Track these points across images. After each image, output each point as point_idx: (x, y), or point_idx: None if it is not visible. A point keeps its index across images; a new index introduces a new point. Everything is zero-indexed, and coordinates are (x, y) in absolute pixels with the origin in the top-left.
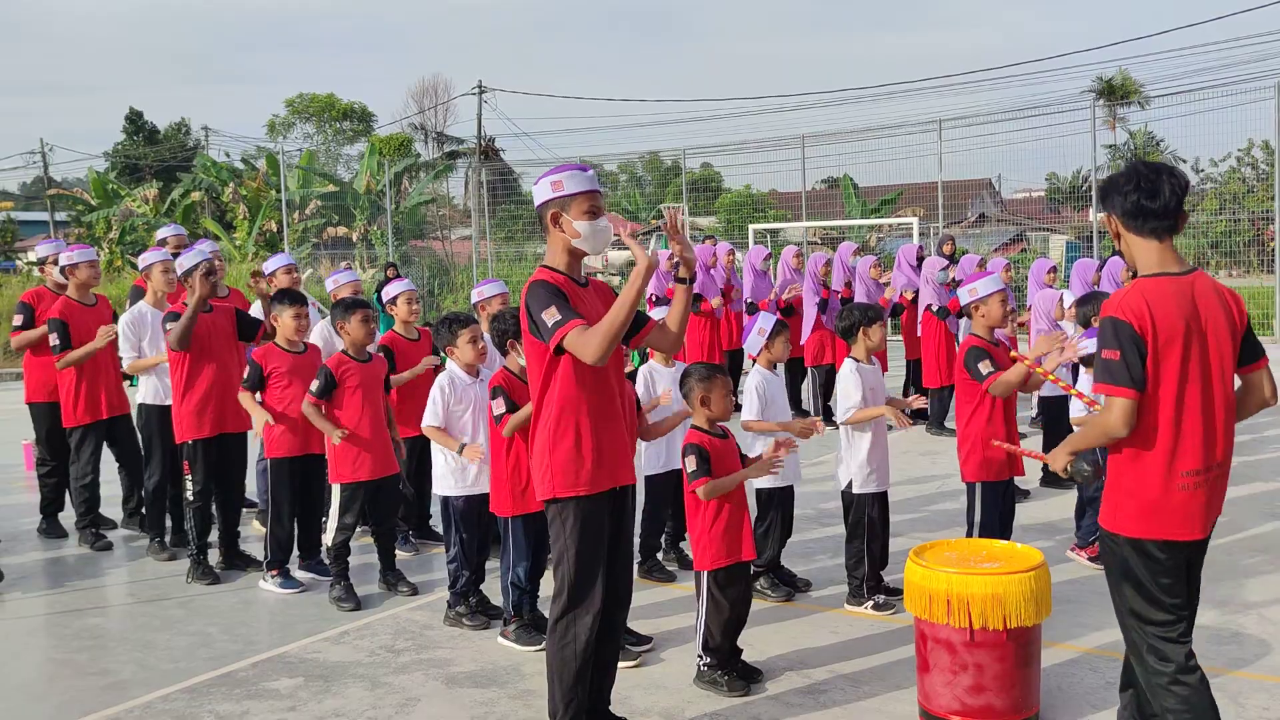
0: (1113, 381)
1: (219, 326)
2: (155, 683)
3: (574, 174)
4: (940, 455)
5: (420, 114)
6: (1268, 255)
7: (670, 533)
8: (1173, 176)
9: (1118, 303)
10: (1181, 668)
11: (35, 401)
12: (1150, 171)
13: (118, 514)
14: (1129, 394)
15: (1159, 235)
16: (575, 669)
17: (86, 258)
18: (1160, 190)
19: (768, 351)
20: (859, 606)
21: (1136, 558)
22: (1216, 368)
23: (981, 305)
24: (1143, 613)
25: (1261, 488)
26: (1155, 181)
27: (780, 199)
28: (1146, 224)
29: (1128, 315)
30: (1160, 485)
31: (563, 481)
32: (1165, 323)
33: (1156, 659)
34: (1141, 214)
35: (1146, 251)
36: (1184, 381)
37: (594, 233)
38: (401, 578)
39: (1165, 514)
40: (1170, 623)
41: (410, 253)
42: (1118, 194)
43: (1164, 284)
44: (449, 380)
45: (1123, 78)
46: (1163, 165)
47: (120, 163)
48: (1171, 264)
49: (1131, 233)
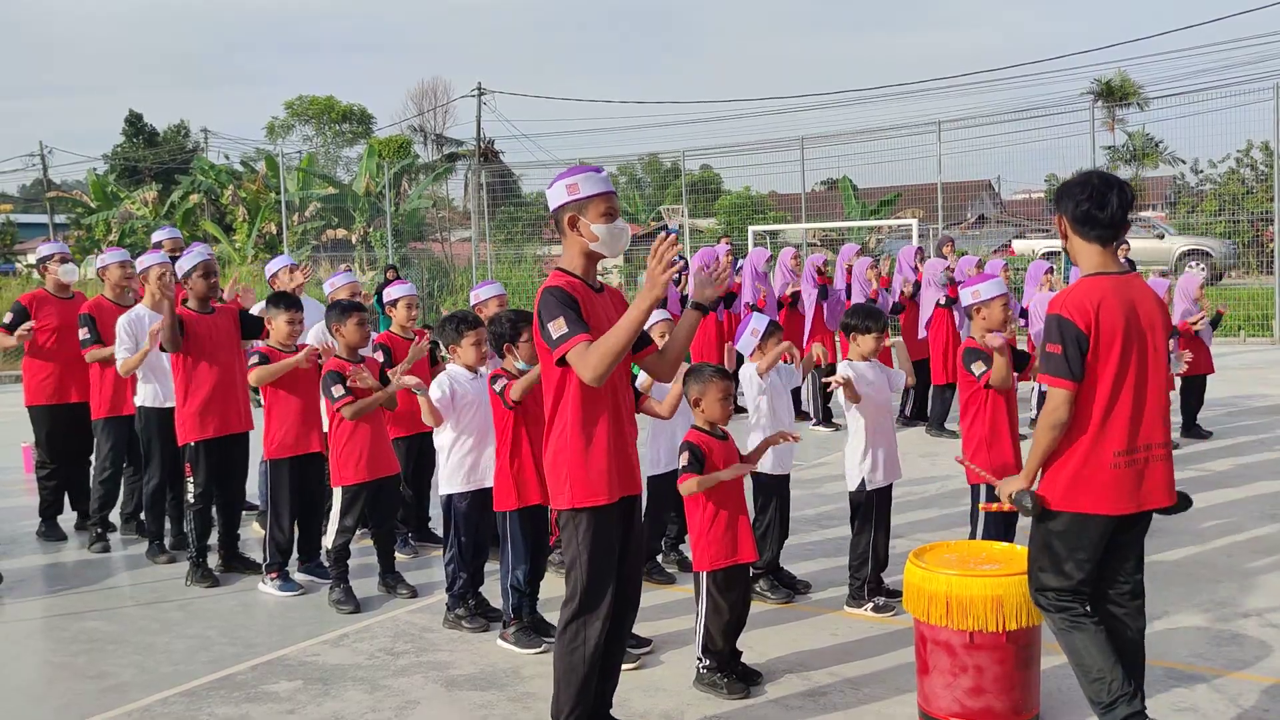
0: (1054, 374)
1: (221, 328)
2: (154, 686)
3: (589, 176)
4: (940, 457)
5: (420, 116)
6: (1267, 256)
7: (671, 535)
8: (1122, 191)
9: (1062, 301)
10: (1079, 614)
11: (35, 404)
12: (1102, 183)
13: (115, 518)
14: (1069, 385)
15: (1103, 241)
16: (583, 674)
17: (117, 259)
18: (1109, 202)
19: (760, 352)
20: (859, 608)
21: (1057, 528)
22: (1151, 358)
23: (983, 308)
24: (1047, 579)
25: (1261, 490)
26: (1106, 194)
27: (780, 200)
28: (1092, 230)
29: (1072, 313)
30: (1090, 463)
31: (582, 492)
32: (1108, 318)
33: (1054, 610)
34: (1089, 221)
35: (1089, 254)
36: (1122, 371)
37: (612, 235)
38: (401, 580)
39: (1094, 489)
40: (1070, 588)
41: (409, 255)
42: (1070, 200)
43: (1105, 282)
44: (450, 380)
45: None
46: (1115, 178)
47: (120, 165)
48: (1111, 265)
49: (1078, 236)
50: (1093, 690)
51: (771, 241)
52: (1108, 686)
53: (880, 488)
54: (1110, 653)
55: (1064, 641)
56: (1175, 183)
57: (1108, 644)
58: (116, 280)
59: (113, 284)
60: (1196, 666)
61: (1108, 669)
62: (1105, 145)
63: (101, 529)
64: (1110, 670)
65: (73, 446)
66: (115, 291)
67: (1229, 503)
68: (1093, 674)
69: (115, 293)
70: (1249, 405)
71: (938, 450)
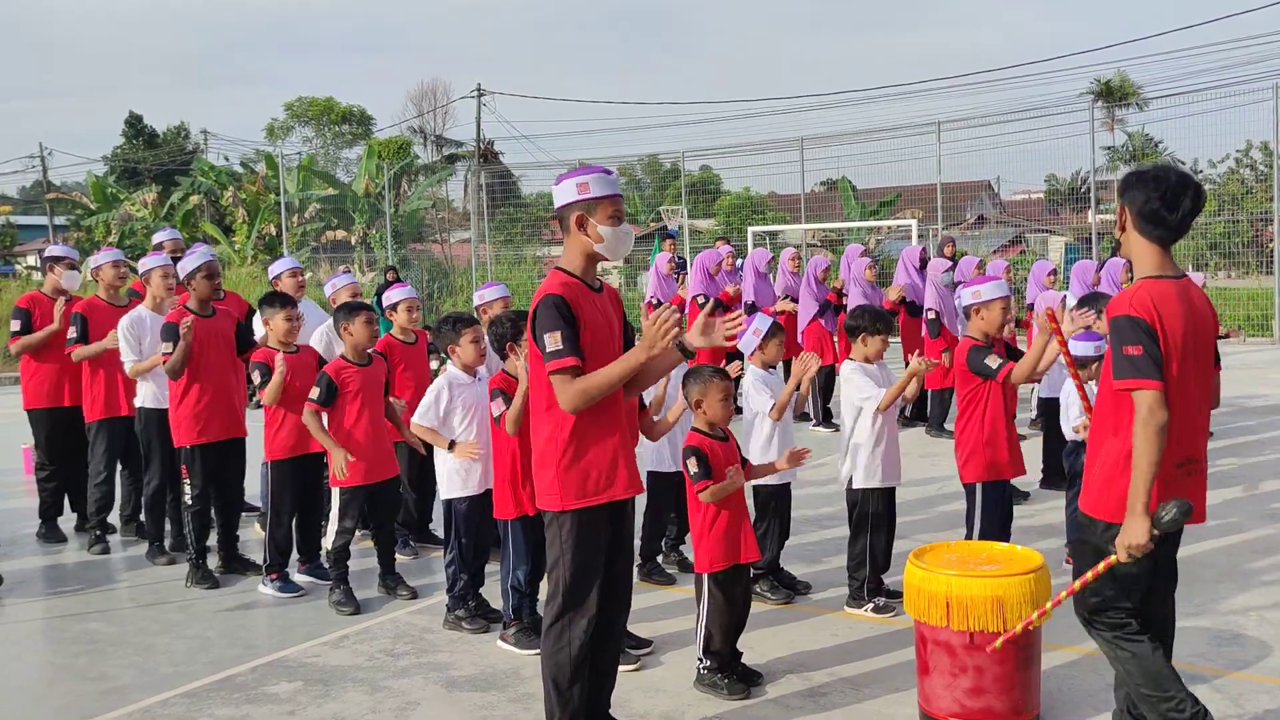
0: (1139, 375)
1: (219, 331)
2: (154, 687)
3: (600, 177)
4: (940, 457)
5: (419, 117)
6: (1266, 256)
7: (670, 536)
8: (1197, 194)
9: (1129, 301)
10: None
11: (34, 408)
12: (1179, 183)
13: (115, 520)
14: (1157, 385)
15: (1164, 243)
16: (570, 674)
17: (110, 258)
18: (1181, 204)
19: (761, 353)
20: (859, 609)
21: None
22: (1203, 368)
23: (983, 309)
24: (1110, 595)
25: (1262, 489)
26: (1180, 194)
27: (779, 201)
28: (1156, 230)
29: (1140, 312)
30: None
31: (565, 494)
32: (1171, 323)
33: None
34: (1156, 220)
35: (1148, 254)
36: (1182, 379)
37: (617, 238)
38: (401, 581)
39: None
40: (1129, 609)
41: (409, 256)
42: (1140, 193)
43: (1167, 286)
44: (448, 382)
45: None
46: (1190, 179)
47: (119, 166)
48: (1169, 269)
49: (1139, 233)
50: (1164, 711)
51: (771, 242)
52: (1183, 706)
53: (881, 489)
54: (1171, 668)
55: (1123, 660)
56: None
57: (1165, 657)
58: (110, 280)
59: (106, 284)
60: (1197, 666)
61: (1179, 687)
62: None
63: (101, 531)
64: (1181, 688)
65: (72, 448)
66: (109, 292)
67: (1229, 502)
68: (1166, 694)
69: (109, 293)
70: (1249, 405)
71: (937, 451)
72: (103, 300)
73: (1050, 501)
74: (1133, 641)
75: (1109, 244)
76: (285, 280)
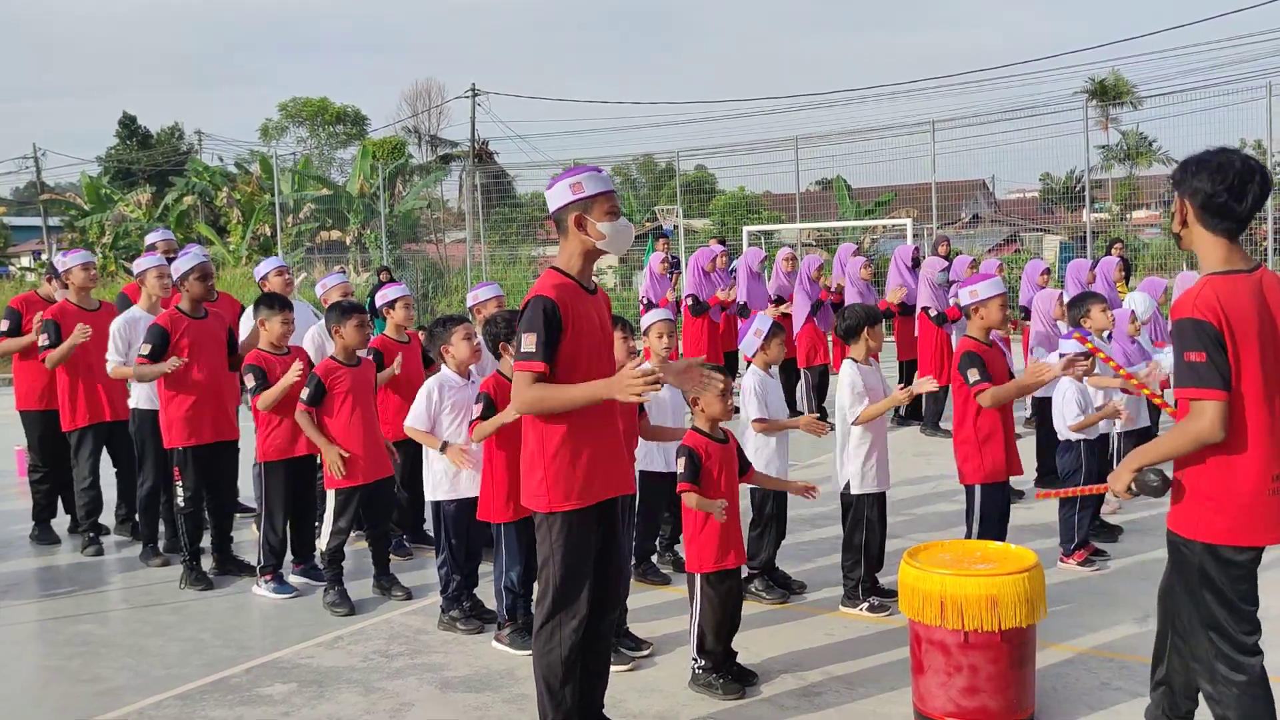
0: (1201, 384)
1: (211, 332)
2: (148, 689)
3: (592, 175)
4: (935, 456)
5: (414, 117)
6: (1260, 255)
7: (665, 536)
8: (1264, 181)
9: (1192, 302)
10: (1254, 681)
11: (25, 409)
12: (1244, 170)
13: (110, 520)
14: (1220, 395)
15: (1231, 235)
16: (561, 674)
17: (80, 260)
18: (1248, 193)
19: (764, 353)
20: (854, 608)
21: (1217, 565)
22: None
23: (981, 308)
24: (1223, 623)
25: None
26: (1247, 182)
27: (774, 200)
28: (1223, 223)
29: (1205, 314)
30: (1251, 489)
31: (554, 495)
32: (1240, 321)
33: (1228, 667)
34: (1222, 212)
35: (1215, 248)
36: (1268, 381)
37: (617, 232)
38: (395, 582)
39: (1254, 519)
40: (1249, 631)
41: (404, 256)
42: (1204, 185)
43: (1236, 281)
44: (439, 383)
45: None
46: (1254, 164)
47: (113, 167)
48: (1239, 261)
49: (1203, 227)
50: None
51: (766, 242)
52: None
53: (875, 494)
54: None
55: (1229, 710)
56: (1169, 181)
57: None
58: (80, 283)
59: (76, 287)
60: None
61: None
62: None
63: (94, 533)
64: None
65: (65, 450)
66: (79, 295)
67: None
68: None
69: (79, 296)
70: None
71: (932, 450)
72: (73, 304)
73: (1046, 501)
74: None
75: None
76: (273, 280)
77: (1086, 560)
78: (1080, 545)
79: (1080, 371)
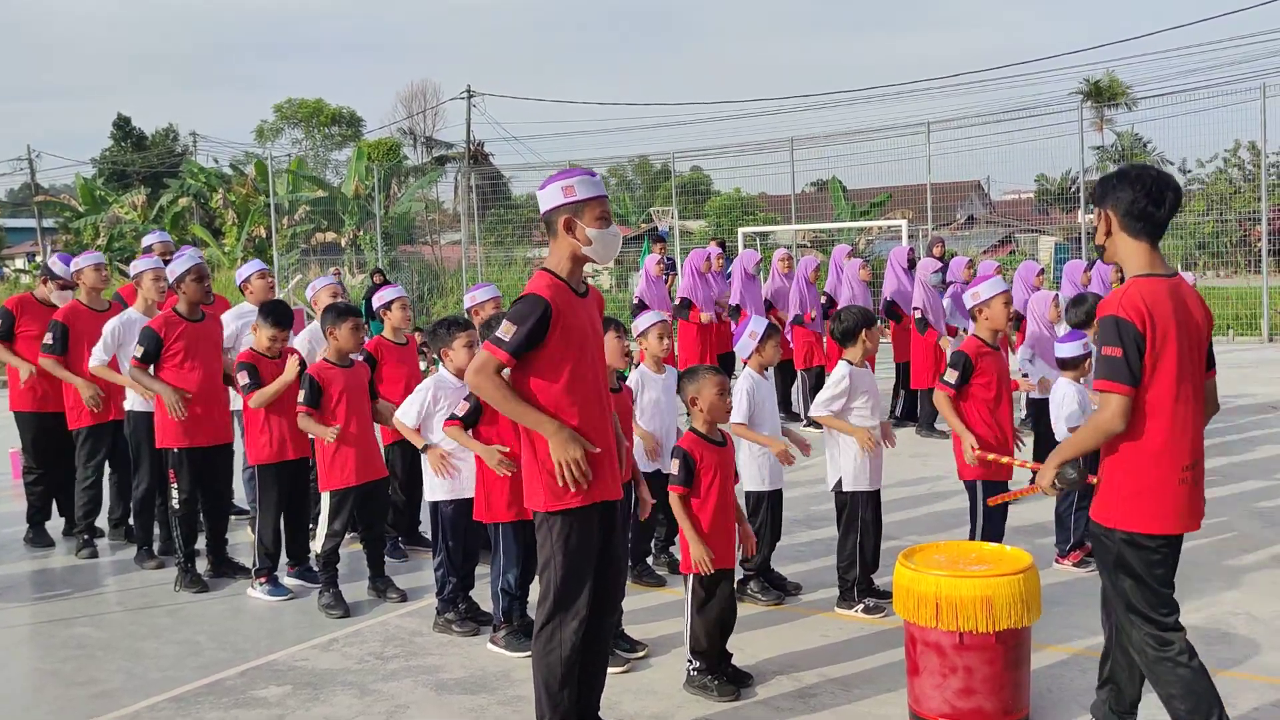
0: (1113, 378)
1: (207, 334)
2: (143, 692)
3: (585, 180)
4: (930, 457)
5: (409, 119)
6: (1254, 256)
7: (660, 537)
8: (1175, 189)
9: (1118, 302)
10: (1182, 650)
11: (20, 410)
12: (1159, 178)
13: (103, 523)
14: (1126, 390)
15: (1153, 240)
16: (560, 675)
17: (92, 261)
18: (1165, 199)
19: (759, 355)
20: (849, 610)
21: (1134, 552)
22: (1198, 367)
23: (985, 308)
24: (1141, 606)
25: (1249, 488)
26: (1162, 189)
27: (770, 201)
28: (1145, 228)
29: (1129, 314)
30: (1163, 479)
31: (551, 497)
32: (1162, 321)
33: (1156, 645)
34: (1144, 218)
35: (1137, 253)
36: (1180, 379)
37: (605, 240)
38: (390, 584)
39: (1166, 508)
40: (1167, 613)
41: (399, 258)
42: (1125, 193)
43: (1157, 284)
44: (436, 384)
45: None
46: (1168, 175)
47: (108, 169)
48: (1159, 266)
49: (1126, 233)
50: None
51: (762, 243)
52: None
53: (869, 492)
54: (1213, 687)
55: (1169, 685)
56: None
57: (1208, 677)
58: (92, 283)
59: (89, 288)
60: None
61: (1217, 708)
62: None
63: (89, 535)
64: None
65: (59, 451)
66: (91, 296)
67: (1218, 501)
68: (1200, 714)
69: (90, 297)
70: (1237, 404)
71: (928, 451)
72: (84, 305)
73: (1041, 501)
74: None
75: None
76: (255, 283)
77: (1082, 561)
78: (1076, 546)
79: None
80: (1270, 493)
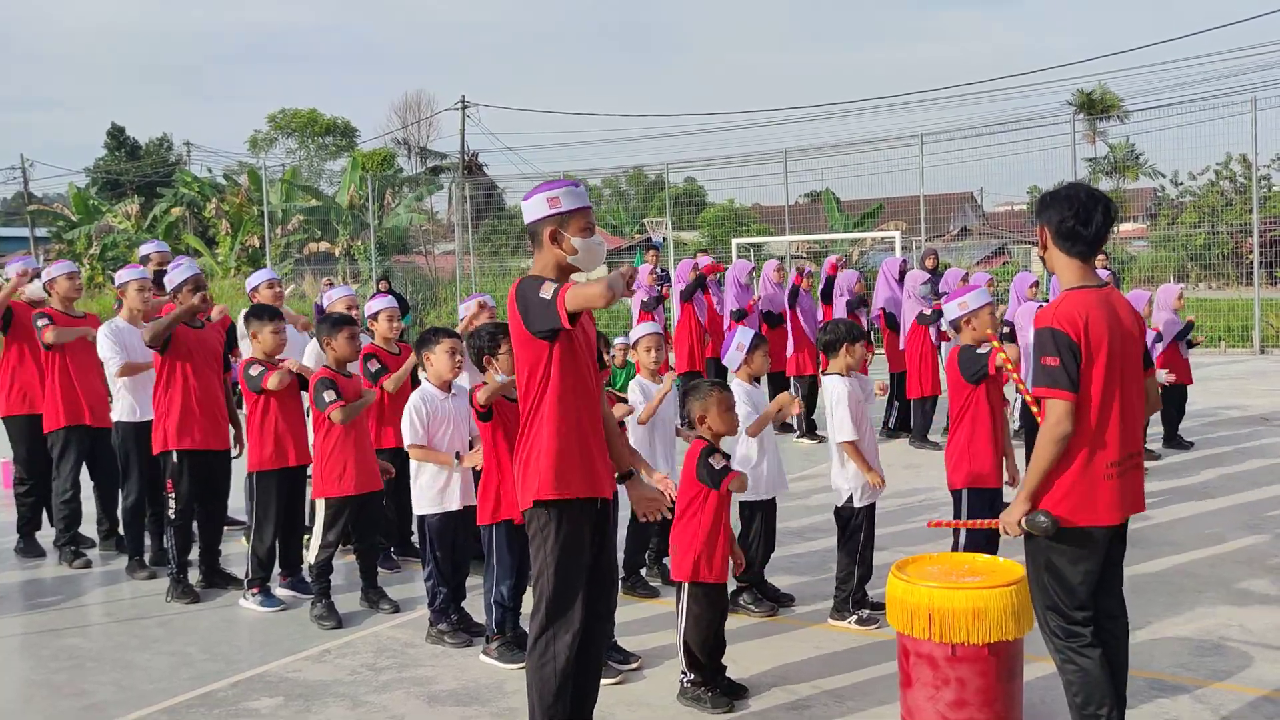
0: (1054, 385)
1: (206, 342)
2: (134, 703)
3: (570, 190)
4: (922, 469)
5: (403, 129)
6: (1246, 268)
7: (653, 549)
8: (1107, 209)
9: (1053, 314)
10: (1088, 644)
11: (11, 415)
12: (1089, 199)
13: (91, 534)
14: (1069, 396)
15: (1084, 257)
16: (555, 688)
17: (64, 270)
18: (1094, 219)
19: (747, 366)
20: (843, 621)
21: (1059, 545)
22: (1132, 370)
23: (972, 318)
24: (1058, 602)
25: (1243, 499)
26: (1091, 210)
27: (763, 213)
28: (1075, 246)
29: (1063, 325)
30: (1087, 475)
31: (550, 483)
32: (1096, 330)
33: (1065, 638)
34: (1073, 237)
35: (1069, 267)
36: (1109, 382)
37: (589, 250)
38: (383, 595)
39: (1091, 501)
40: (1079, 607)
41: (394, 268)
42: (1055, 213)
43: (1088, 295)
44: (420, 398)
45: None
46: (1100, 194)
47: (101, 178)
48: (1090, 278)
49: (1059, 250)
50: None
51: (755, 254)
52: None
53: (870, 504)
54: (1109, 682)
55: (1069, 672)
56: (1155, 195)
57: (1106, 673)
58: (65, 292)
59: (61, 296)
60: (1179, 677)
61: (1108, 701)
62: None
63: (76, 546)
64: (1109, 701)
65: (50, 459)
66: (64, 304)
67: (1211, 513)
68: (1091, 706)
69: (64, 305)
70: (1230, 416)
71: (921, 462)
72: (59, 312)
73: None
74: (1083, 655)
75: None
76: (263, 292)
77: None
78: None
79: None
80: (1263, 505)
